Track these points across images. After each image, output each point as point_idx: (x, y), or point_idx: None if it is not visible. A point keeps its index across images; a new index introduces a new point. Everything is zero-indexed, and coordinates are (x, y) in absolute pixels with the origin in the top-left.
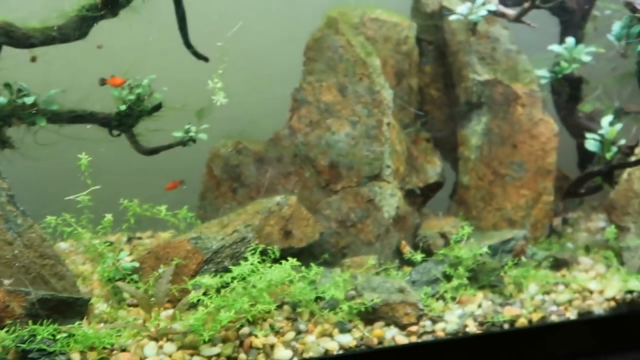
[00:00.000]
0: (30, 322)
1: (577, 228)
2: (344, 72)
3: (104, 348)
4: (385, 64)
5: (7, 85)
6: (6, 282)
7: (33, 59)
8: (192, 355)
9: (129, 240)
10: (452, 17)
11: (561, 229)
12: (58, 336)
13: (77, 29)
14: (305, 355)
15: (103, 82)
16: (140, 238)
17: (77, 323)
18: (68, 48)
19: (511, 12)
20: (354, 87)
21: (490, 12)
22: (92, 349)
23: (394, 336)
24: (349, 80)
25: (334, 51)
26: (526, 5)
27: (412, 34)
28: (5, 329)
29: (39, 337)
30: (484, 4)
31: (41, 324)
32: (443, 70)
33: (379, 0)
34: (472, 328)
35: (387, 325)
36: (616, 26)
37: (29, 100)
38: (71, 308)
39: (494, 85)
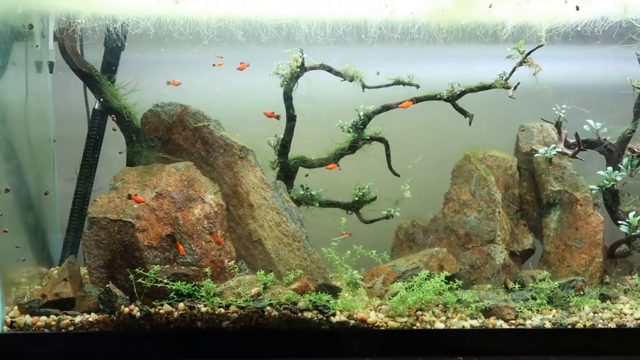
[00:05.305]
0: (318, 293)
1: (619, 280)
2: (474, 183)
3: (350, 309)
4: (497, 180)
5: (301, 186)
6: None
7: (306, 175)
8: (392, 320)
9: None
10: (537, 155)
11: (608, 280)
12: (330, 301)
13: (335, 159)
14: (452, 327)
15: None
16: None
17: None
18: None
19: (569, 152)
20: (480, 192)
21: (558, 152)
22: (344, 310)
23: (501, 324)
24: (476, 188)
25: (468, 172)
26: (577, 149)
27: (514, 164)
28: (307, 296)
29: (322, 300)
30: (554, 147)
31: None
32: (533, 185)
33: (494, 145)
34: (548, 325)
35: (497, 318)
36: (625, 161)
37: (313, 193)
38: (333, 291)
39: (563, 193)
